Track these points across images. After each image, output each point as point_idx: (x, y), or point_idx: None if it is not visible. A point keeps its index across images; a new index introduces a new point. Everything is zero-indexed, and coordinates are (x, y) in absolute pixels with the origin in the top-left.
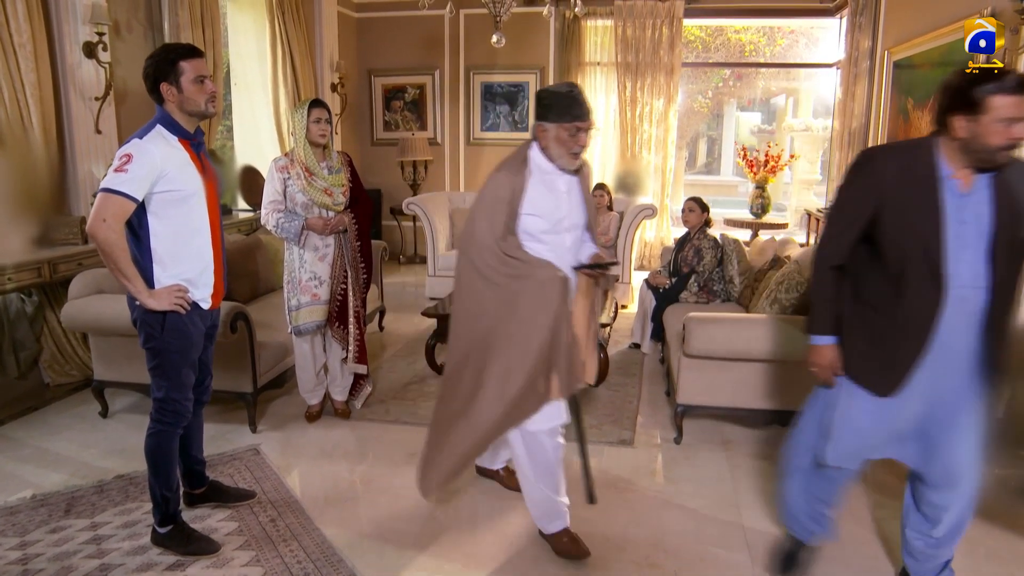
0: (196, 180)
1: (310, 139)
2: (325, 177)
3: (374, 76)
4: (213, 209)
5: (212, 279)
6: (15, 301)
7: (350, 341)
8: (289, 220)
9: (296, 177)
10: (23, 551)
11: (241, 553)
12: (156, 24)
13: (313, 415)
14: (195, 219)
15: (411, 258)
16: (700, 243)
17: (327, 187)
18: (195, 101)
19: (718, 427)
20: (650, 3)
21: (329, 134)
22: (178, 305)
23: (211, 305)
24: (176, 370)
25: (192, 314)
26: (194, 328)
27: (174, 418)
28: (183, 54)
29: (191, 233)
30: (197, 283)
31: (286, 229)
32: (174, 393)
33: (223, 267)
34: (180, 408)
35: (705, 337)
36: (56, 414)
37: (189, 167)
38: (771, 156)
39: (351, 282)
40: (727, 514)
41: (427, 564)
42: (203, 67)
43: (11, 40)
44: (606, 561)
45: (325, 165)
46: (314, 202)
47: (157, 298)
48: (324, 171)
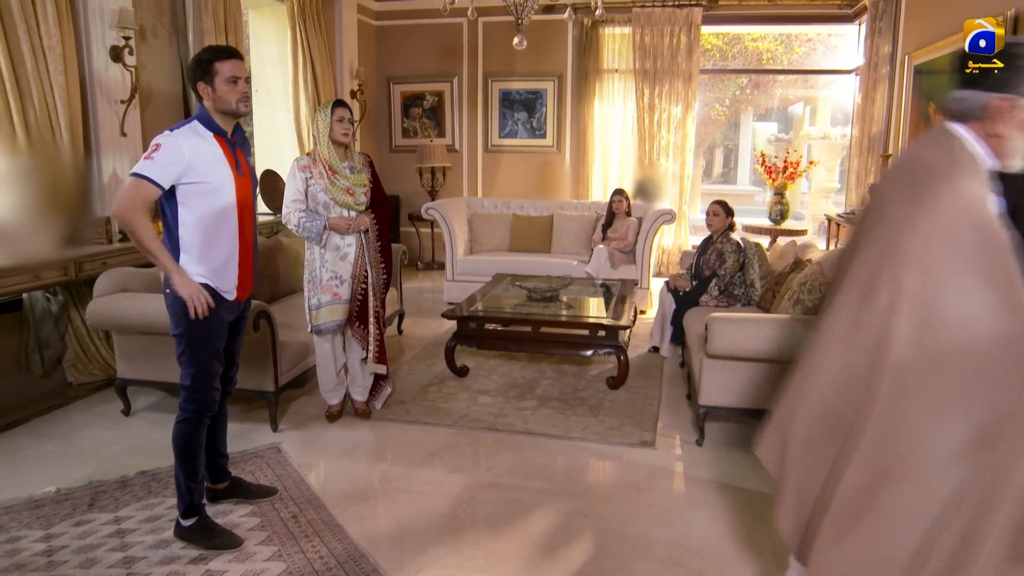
0: (227, 175)
1: (333, 138)
2: (347, 176)
3: (393, 83)
4: (244, 205)
5: (236, 271)
6: (40, 300)
7: (370, 341)
8: (311, 219)
9: (319, 176)
10: (48, 543)
11: (263, 548)
12: (180, 29)
13: (334, 415)
14: (223, 212)
15: (429, 264)
16: (723, 247)
17: (349, 187)
18: (227, 100)
19: (740, 429)
20: (668, 10)
21: (352, 134)
22: (195, 307)
23: (236, 297)
24: (201, 358)
25: (217, 304)
26: (217, 318)
27: (200, 407)
28: (219, 55)
29: (217, 225)
30: (221, 274)
31: (307, 228)
32: (199, 381)
33: (252, 262)
34: (206, 397)
35: (727, 337)
36: (79, 412)
37: (221, 163)
38: (790, 163)
39: (371, 282)
40: (751, 515)
41: (449, 561)
42: (238, 68)
43: (41, 43)
44: (629, 559)
45: (347, 165)
46: (336, 201)
47: (184, 284)
48: (346, 170)
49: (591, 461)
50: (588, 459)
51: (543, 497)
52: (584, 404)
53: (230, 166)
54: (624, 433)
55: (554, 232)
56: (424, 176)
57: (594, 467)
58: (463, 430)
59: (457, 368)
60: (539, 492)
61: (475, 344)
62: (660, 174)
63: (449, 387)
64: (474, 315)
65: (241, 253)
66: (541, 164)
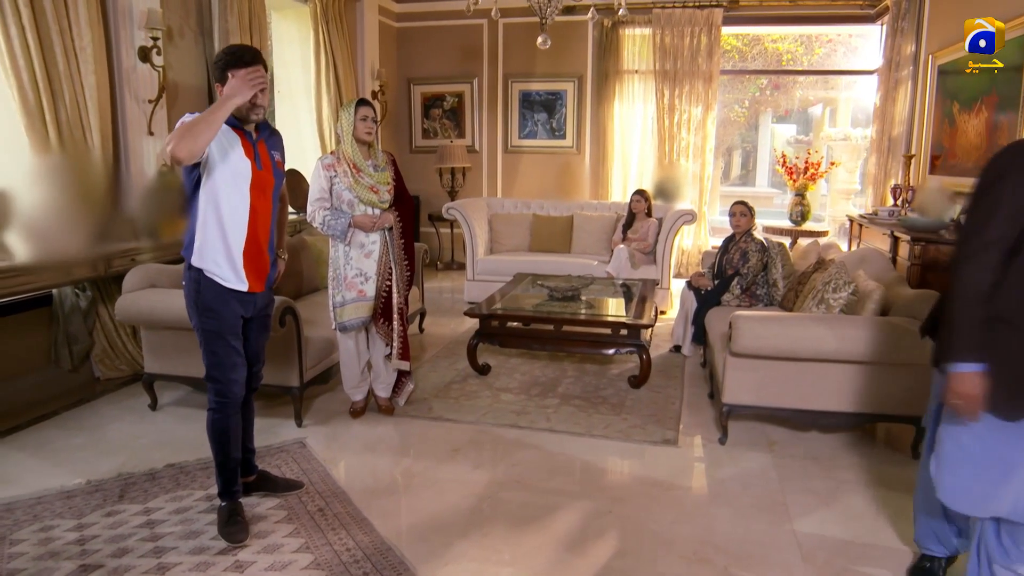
0: (243, 163)
1: (357, 136)
2: (371, 174)
3: (413, 84)
4: (260, 198)
5: (241, 261)
6: (70, 296)
7: (394, 337)
8: (335, 217)
9: (343, 175)
10: (80, 532)
11: (291, 540)
12: (207, 30)
13: (357, 411)
14: (232, 200)
15: (448, 264)
16: (747, 246)
17: (373, 184)
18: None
19: (762, 428)
20: (688, 11)
21: (375, 132)
22: (254, 81)
23: (248, 288)
24: (214, 350)
25: (225, 294)
26: (227, 308)
27: (222, 398)
28: (233, 64)
29: (225, 212)
30: (227, 263)
31: (332, 226)
32: (215, 372)
33: (266, 256)
34: (225, 390)
35: (753, 335)
36: (107, 406)
37: (235, 151)
38: (811, 163)
39: (395, 279)
40: (775, 513)
41: (475, 555)
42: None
43: (73, 44)
44: (654, 555)
45: (371, 163)
46: (360, 199)
47: (232, 90)
48: (370, 168)
49: (614, 459)
50: (611, 457)
51: (567, 493)
52: (606, 403)
53: (248, 157)
54: (647, 431)
55: (574, 232)
56: (444, 177)
57: (617, 465)
58: (486, 427)
59: (479, 366)
60: (563, 488)
61: (497, 342)
62: (680, 175)
63: (471, 385)
64: (497, 313)
65: (250, 243)
66: (561, 165)
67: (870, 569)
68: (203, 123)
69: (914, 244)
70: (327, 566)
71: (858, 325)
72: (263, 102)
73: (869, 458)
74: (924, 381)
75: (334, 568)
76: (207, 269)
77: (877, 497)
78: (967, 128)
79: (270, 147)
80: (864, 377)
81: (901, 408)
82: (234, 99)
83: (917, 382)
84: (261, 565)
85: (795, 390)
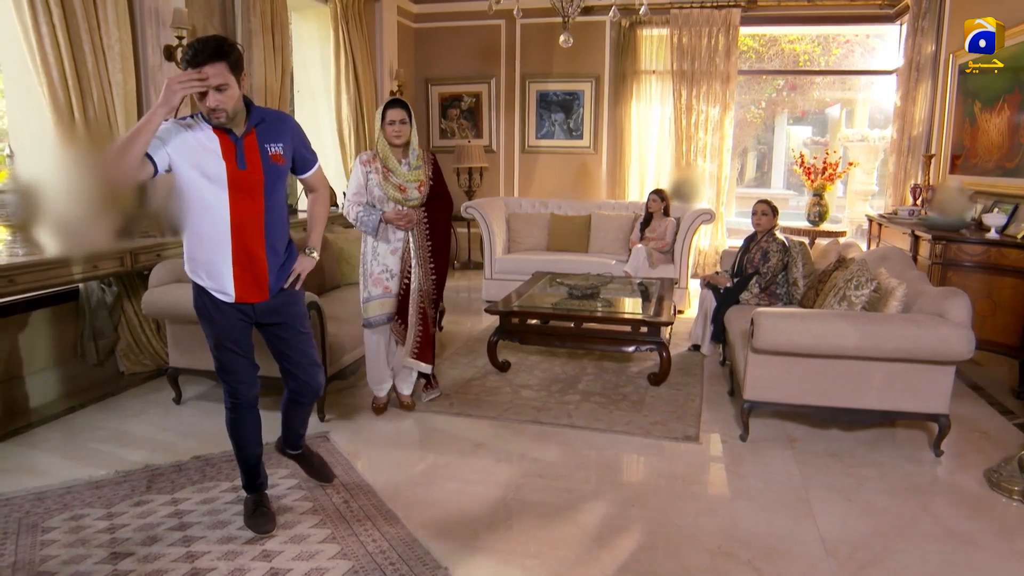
0: (217, 169)
1: (386, 139)
2: (402, 173)
3: (431, 84)
4: (244, 200)
5: (230, 271)
6: (96, 291)
7: (408, 337)
8: (368, 213)
9: (375, 172)
10: (110, 521)
11: (317, 531)
12: (230, 30)
13: (380, 407)
14: (207, 205)
15: (465, 263)
16: (768, 245)
17: (401, 183)
18: (201, 107)
19: (783, 425)
20: (706, 11)
21: (406, 134)
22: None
23: (236, 299)
24: (215, 354)
25: (216, 302)
26: (217, 314)
27: (232, 399)
28: (186, 61)
29: (201, 218)
30: (209, 271)
31: (364, 222)
32: (221, 374)
33: (263, 262)
34: (230, 391)
35: (775, 331)
36: (132, 399)
37: (207, 155)
38: (829, 163)
39: (417, 278)
40: (798, 508)
41: (501, 547)
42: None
43: (101, 43)
44: (679, 548)
45: (404, 163)
46: (388, 196)
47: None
48: (403, 168)
49: (636, 454)
50: (633, 452)
51: (590, 488)
52: (626, 399)
53: (225, 160)
54: (668, 428)
55: (592, 232)
56: (461, 176)
57: (639, 460)
58: (507, 422)
59: (499, 363)
60: (586, 483)
61: (517, 339)
62: (697, 175)
63: (492, 381)
64: (517, 310)
65: (237, 251)
66: (578, 165)
67: (893, 563)
68: (128, 142)
69: (935, 243)
70: (353, 556)
71: (880, 321)
72: (213, 103)
73: (891, 455)
74: (945, 379)
75: (360, 559)
76: (194, 279)
77: (899, 494)
78: (989, 127)
79: (264, 140)
80: (886, 374)
81: (923, 405)
82: (158, 110)
83: (938, 380)
84: (288, 555)
85: (817, 387)
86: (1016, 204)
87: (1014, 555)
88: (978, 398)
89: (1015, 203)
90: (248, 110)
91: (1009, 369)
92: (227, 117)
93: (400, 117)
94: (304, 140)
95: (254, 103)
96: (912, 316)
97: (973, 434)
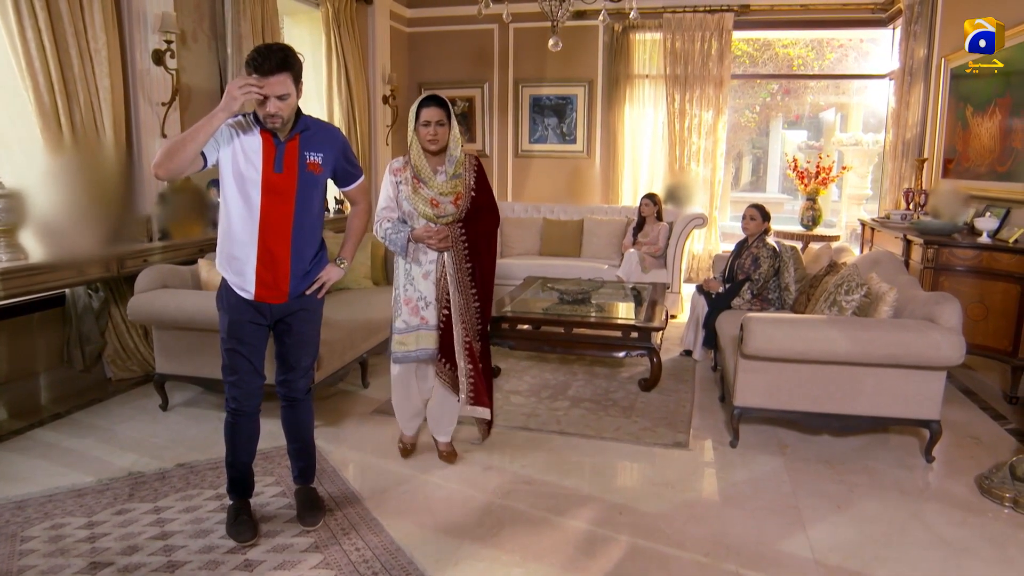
0: (255, 168)
1: (421, 144)
2: (437, 185)
3: (424, 89)
4: (276, 203)
5: (250, 268)
6: (83, 296)
7: (461, 380)
8: (396, 230)
9: (404, 182)
10: (90, 530)
11: (300, 539)
12: (220, 34)
13: (408, 448)
14: (243, 203)
15: None
16: (759, 251)
17: (434, 196)
18: (258, 111)
19: (773, 431)
20: (699, 15)
21: (444, 138)
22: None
23: (254, 297)
24: (223, 351)
25: (235, 298)
26: (232, 309)
27: (231, 398)
28: (247, 67)
29: (234, 215)
30: (234, 266)
31: (393, 241)
32: (223, 372)
33: (286, 265)
34: (232, 389)
35: (764, 337)
36: (118, 406)
37: (249, 155)
38: (822, 167)
39: (457, 307)
40: (787, 515)
41: (485, 555)
42: (268, 86)
43: (88, 47)
44: (666, 556)
45: (442, 171)
46: (417, 212)
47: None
48: (439, 178)
49: (625, 461)
50: (622, 459)
51: (578, 495)
52: (616, 405)
53: (264, 161)
54: (657, 434)
55: (584, 236)
56: None
57: (628, 467)
58: (496, 429)
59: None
60: (574, 490)
61: (508, 344)
62: (691, 179)
63: None
64: (508, 316)
65: (262, 251)
66: (571, 169)
67: (884, 571)
68: (185, 140)
69: (927, 247)
70: (336, 566)
71: (871, 327)
72: (273, 109)
73: (882, 462)
74: (936, 384)
75: (343, 568)
76: (221, 271)
77: (890, 500)
78: (980, 131)
79: (306, 148)
80: (877, 379)
81: (914, 411)
82: (218, 113)
83: (929, 385)
84: (270, 564)
85: (807, 393)
86: (1008, 208)
87: (1006, 563)
88: (970, 403)
89: (1007, 207)
90: (296, 117)
91: (1001, 374)
92: (282, 123)
93: (437, 117)
94: (349, 154)
95: (302, 111)
96: (903, 321)
97: (965, 440)
